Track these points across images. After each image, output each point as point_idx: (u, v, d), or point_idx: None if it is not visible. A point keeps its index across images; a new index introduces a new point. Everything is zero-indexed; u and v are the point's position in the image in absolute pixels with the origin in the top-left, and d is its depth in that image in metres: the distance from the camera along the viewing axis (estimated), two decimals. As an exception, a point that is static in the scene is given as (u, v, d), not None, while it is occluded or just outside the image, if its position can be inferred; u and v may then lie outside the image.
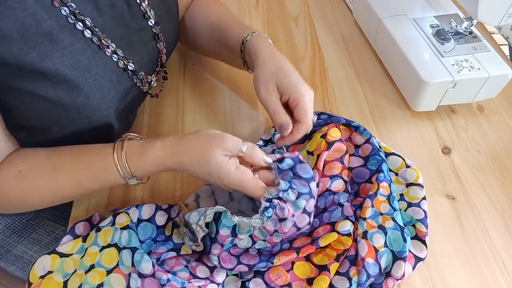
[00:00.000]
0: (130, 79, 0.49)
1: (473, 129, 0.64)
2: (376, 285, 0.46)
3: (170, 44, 0.58)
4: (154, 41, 0.53)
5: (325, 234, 0.47)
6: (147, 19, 0.50)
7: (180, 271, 0.45)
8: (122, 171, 0.44)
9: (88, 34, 0.42)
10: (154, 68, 0.55)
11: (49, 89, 0.41)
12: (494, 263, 0.50)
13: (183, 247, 0.47)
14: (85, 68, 0.43)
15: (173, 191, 0.55)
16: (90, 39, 0.43)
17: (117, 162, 0.44)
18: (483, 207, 0.55)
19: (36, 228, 0.65)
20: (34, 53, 0.38)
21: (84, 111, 0.44)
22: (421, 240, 0.49)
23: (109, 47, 0.45)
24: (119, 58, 0.46)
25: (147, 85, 0.53)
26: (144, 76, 0.51)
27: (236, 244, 0.45)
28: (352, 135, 0.57)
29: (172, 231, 0.48)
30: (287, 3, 0.84)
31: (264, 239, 0.45)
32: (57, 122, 0.45)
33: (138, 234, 0.47)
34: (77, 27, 0.41)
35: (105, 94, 0.45)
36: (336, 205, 0.50)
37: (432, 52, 0.63)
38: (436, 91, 0.61)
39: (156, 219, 0.49)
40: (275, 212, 0.43)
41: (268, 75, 0.49)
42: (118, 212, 0.48)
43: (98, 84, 0.44)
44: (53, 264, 0.46)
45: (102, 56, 0.45)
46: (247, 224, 0.43)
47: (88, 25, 0.42)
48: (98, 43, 0.44)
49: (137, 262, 0.44)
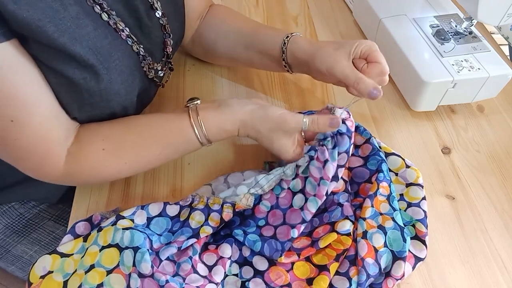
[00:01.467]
0: (141, 65, 0.50)
1: (473, 129, 0.64)
2: (376, 285, 0.46)
3: (177, 41, 0.59)
4: (161, 32, 0.53)
5: (325, 235, 0.47)
6: (155, 10, 0.51)
7: (184, 262, 0.46)
8: (203, 143, 0.49)
9: (105, 17, 0.43)
10: (161, 58, 0.56)
11: (76, 71, 0.42)
12: (494, 263, 0.50)
13: (202, 229, 0.48)
14: (108, 53, 0.44)
15: (173, 192, 0.55)
16: (107, 22, 0.44)
17: (199, 137, 0.48)
18: (483, 207, 0.55)
19: (36, 228, 0.65)
20: (65, 37, 0.39)
21: (106, 95, 0.45)
22: (421, 240, 0.49)
23: (123, 31, 0.46)
24: (133, 42, 0.47)
25: (153, 72, 0.53)
26: (151, 62, 0.52)
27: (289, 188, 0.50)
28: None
29: (189, 217, 0.49)
30: (287, 3, 0.84)
31: (314, 194, 0.48)
32: (78, 105, 0.45)
33: (153, 231, 0.48)
34: (95, 10, 0.42)
35: (125, 79, 0.47)
36: (336, 205, 0.50)
37: (432, 52, 0.63)
38: (436, 91, 0.61)
39: (167, 211, 0.50)
40: (317, 155, 0.48)
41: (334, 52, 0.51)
42: (121, 214, 0.48)
43: (119, 70, 0.45)
44: (54, 264, 0.46)
45: (121, 42, 0.46)
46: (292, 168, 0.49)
47: (104, 8, 0.43)
48: (114, 27, 0.45)
49: (138, 261, 0.44)
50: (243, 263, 0.48)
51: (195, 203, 0.50)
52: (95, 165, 0.47)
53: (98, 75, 0.43)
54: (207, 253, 0.48)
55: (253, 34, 0.59)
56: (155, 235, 0.48)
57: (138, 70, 0.50)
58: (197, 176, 0.56)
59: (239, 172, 0.55)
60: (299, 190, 0.50)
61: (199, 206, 0.49)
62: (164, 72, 0.57)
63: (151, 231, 0.48)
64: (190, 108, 0.49)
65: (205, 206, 0.49)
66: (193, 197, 0.51)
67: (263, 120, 0.48)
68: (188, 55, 0.71)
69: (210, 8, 0.64)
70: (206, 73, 0.70)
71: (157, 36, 0.53)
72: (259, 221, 0.50)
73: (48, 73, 0.42)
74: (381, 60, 0.50)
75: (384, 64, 0.50)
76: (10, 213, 0.64)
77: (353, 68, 0.50)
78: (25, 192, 0.64)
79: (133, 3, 0.47)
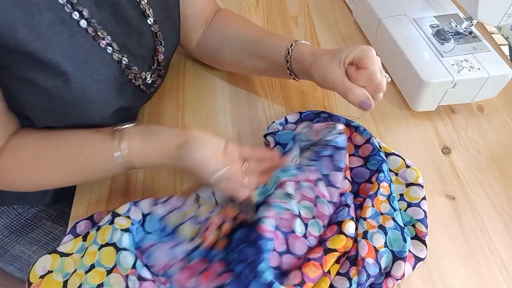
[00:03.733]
0: (125, 74, 0.49)
1: (473, 129, 0.64)
2: (376, 285, 0.46)
3: (170, 50, 0.58)
4: (152, 39, 0.53)
5: (333, 236, 0.47)
6: (146, 18, 0.50)
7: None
8: (126, 168, 0.47)
9: (83, 24, 0.42)
10: (150, 66, 0.55)
11: (48, 79, 0.41)
12: (494, 263, 0.50)
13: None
14: (83, 61, 0.43)
15: (173, 192, 0.55)
16: (85, 29, 0.43)
17: (120, 162, 0.46)
18: (483, 207, 0.55)
19: (35, 228, 0.65)
20: (37, 43, 0.38)
21: (80, 104, 0.44)
22: (421, 240, 0.49)
23: (104, 39, 0.45)
24: (113, 51, 0.46)
25: (140, 80, 0.53)
26: (137, 71, 0.51)
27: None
28: (352, 135, 0.57)
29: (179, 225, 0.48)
30: (287, 3, 0.84)
31: (313, 216, 0.47)
32: (52, 114, 0.45)
33: (145, 227, 0.48)
34: (73, 16, 0.41)
35: (102, 89, 0.46)
36: (343, 206, 0.50)
37: (432, 52, 0.63)
38: (436, 91, 0.61)
39: (158, 210, 0.49)
40: (306, 176, 0.48)
41: (328, 61, 0.49)
42: (117, 214, 0.48)
43: (95, 78, 0.45)
44: (54, 264, 0.45)
45: (99, 51, 0.45)
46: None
47: (84, 16, 0.42)
48: (93, 34, 0.44)
49: (139, 267, 0.44)
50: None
51: (187, 209, 0.49)
52: (12, 175, 0.47)
53: (70, 83, 0.42)
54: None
55: (259, 41, 0.59)
56: (147, 236, 0.48)
57: (119, 78, 0.49)
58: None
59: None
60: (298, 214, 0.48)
61: (189, 215, 0.48)
62: (152, 79, 0.56)
63: (144, 233, 0.48)
64: (117, 131, 0.47)
65: (193, 216, 0.49)
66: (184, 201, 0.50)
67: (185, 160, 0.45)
68: (188, 56, 0.71)
69: (216, 13, 0.64)
70: (206, 73, 0.69)
71: (148, 43, 0.52)
72: (269, 244, 0.45)
73: (18, 82, 0.41)
74: (369, 66, 0.47)
75: (372, 71, 0.47)
76: (9, 213, 0.64)
77: (343, 78, 0.48)
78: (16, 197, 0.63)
79: (122, 10, 0.46)
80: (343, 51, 0.49)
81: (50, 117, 0.45)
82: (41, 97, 0.42)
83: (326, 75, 0.49)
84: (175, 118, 0.63)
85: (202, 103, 0.65)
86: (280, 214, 0.47)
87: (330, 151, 0.50)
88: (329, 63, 0.49)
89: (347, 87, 0.47)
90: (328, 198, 0.48)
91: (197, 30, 0.63)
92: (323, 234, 0.48)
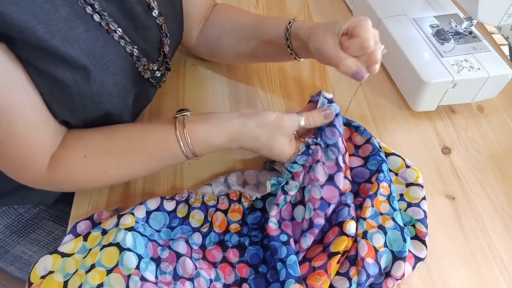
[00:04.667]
0: (135, 67, 0.50)
1: (473, 129, 0.64)
2: (376, 285, 0.46)
3: (174, 43, 0.58)
4: (158, 31, 0.53)
5: (335, 239, 0.47)
6: (151, 10, 0.50)
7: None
8: (189, 157, 0.48)
9: (97, 18, 0.43)
10: (157, 58, 0.55)
11: (67, 73, 0.41)
12: (494, 263, 0.50)
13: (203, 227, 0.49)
14: (100, 55, 0.43)
15: (173, 191, 0.55)
16: (99, 23, 0.43)
17: (184, 151, 0.47)
18: (483, 207, 0.55)
19: (35, 228, 0.65)
20: (57, 38, 0.39)
21: (98, 98, 0.45)
22: (421, 240, 0.49)
23: (116, 32, 0.45)
24: (126, 43, 0.47)
25: (148, 72, 0.53)
26: (146, 63, 0.52)
27: (291, 201, 0.50)
28: (353, 135, 0.57)
29: (188, 215, 0.50)
30: (287, 3, 0.84)
31: (321, 197, 0.47)
32: (69, 107, 0.45)
33: (151, 225, 0.48)
34: (86, 11, 0.42)
35: (118, 82, 0.46)
36: (344, 205, 0.50)
37: (432, 52, 0.63)
38: (436, 91, 0.61)
39: (164, 206, 0.50)
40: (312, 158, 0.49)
41: (323, 32, 0.48)
42: (122, 213, 0.48)
43: (112, 71, 0.45)
44: (55, 264, 0.45)
45: (113, 44, 0.45)
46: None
47: (96, 9, 0.42)
48: (106, 28, 0.44)
49: (142, 269, 0.44)
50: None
51: (191, 200, 0.51)
52: (75, 171, 0.47)
53: (90, 77, 0.43)
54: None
55: (257, 25, 0.59)
56: (155, 234, 0.48)
57: (132, 71, 0.49)
58: (197, 176, 0.56)
59: (239, 172, 0.55)
60: (298, 201, 0.50)
61: (196, 205, 0.50)
62: (161, 72, 0.56)
63: (151, 229, 0.48)
64: (178, 120, 0.48)
65: (201, 204, 0.50)
66: (189, 193, 0.51)
67: (260, 128, 0.47)
68: (188, 55, 0.71)
69: (214, 7, 0.64)
70: (206, 73, 0.70)
71: (154, 36, 0.53)
72: (281, 236, 0.48)
73: (38, 76, 0.41)
74: (361, 34, 0.44)
75: (364, 38, 0.44)
76: (10, 214, 0.64)
77: (336, 48, 0.47)
78: (21, 197, 0.63)
79: (128, 4, 0.47)
80: (338, 22, 0.48)
81: (67, 111, 0.45)
82: (60, 91, 0.43)
83: (320, 46, 0.48)
84: (175, 118, 0.63)
85: (202, 103, 0.65)
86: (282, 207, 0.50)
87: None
88: (324, 34, 0.48)
89: (339, 57, 0.46)
90: (321, 182, 0.48)
91: (196, 26, 0.63)
92: (325, 238, 0.48)
